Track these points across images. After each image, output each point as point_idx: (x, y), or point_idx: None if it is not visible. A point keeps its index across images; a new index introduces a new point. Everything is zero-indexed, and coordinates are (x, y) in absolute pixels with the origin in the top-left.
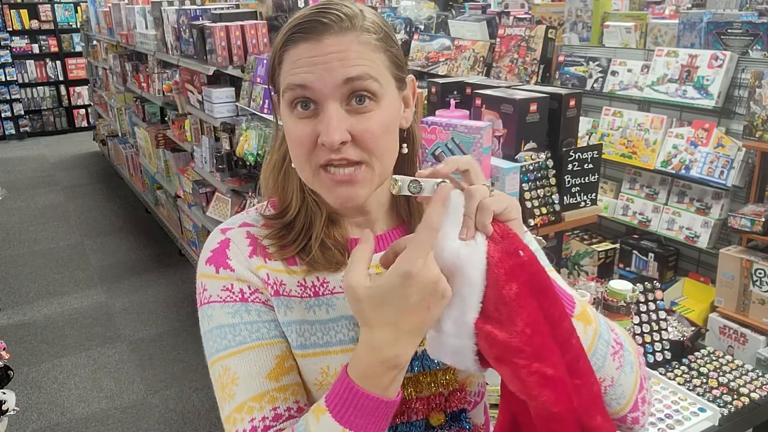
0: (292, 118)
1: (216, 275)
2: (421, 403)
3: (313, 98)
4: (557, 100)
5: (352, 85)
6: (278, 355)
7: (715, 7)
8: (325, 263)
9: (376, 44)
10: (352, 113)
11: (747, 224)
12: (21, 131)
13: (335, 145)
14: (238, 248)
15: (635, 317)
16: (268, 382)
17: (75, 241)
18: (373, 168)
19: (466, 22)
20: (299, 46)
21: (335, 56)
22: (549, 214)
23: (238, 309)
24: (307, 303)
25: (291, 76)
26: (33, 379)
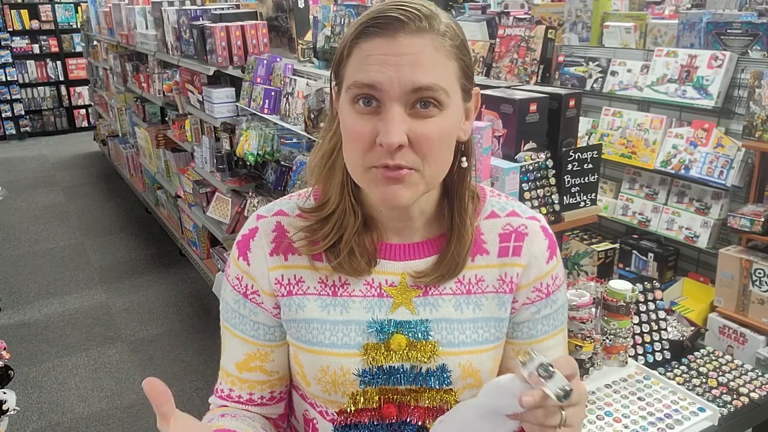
0: (353, 113)
1: (237, 261)
2: (417, 411)
3: (377, 96)
4: (557, 101)
5: (421, 93)
6: (248, 353)
7: (715, 7)
8: (349, 269)
9: (450, 51)
10: (413, 117)
11: (746, 224)
12: (21, 131)
13: (393, 147)
14: (261, 242)
15: (635, 317)
16: (234, 369)
17: (75, 241)
18: (423, 174)
19: (466, 22)
20: (373, 40)
21: (408, 59)
22: (549, 214)
23: (239, 300)
24: (324, 301)
25: (360, 72)
26: (33, 378)
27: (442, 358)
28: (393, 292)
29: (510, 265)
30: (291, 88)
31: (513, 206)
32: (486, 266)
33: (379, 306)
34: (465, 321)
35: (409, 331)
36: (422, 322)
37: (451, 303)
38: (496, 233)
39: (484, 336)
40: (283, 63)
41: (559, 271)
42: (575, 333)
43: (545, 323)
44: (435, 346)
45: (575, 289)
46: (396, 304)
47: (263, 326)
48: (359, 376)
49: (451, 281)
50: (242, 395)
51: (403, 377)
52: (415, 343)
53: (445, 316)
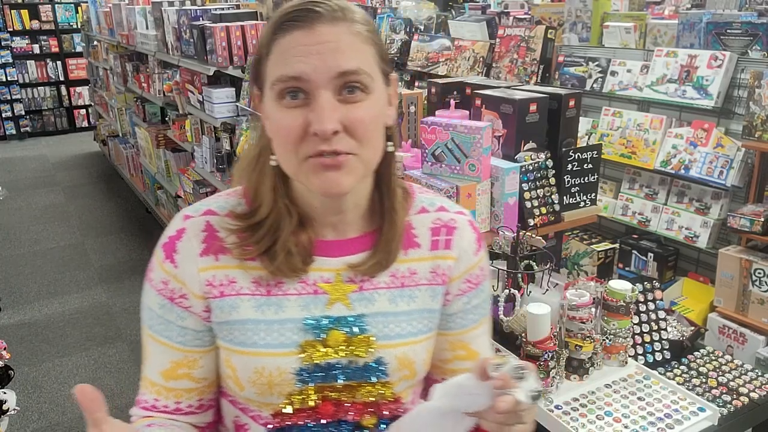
0: (280, 108)
1: (162, 264)
2: (355, 408)
3: (304, 88)
4: (557, 101)
5: (346, 78)
6: (174, 361)
7: (715, 7)
8: (286, 270)
9: (366, 36)
10: (343, 103)
11: (746, 224)
12: (22, 131)
13: (328, 134)
14: (189, 243)
15: (635, 317)
16: (159, 377)
17: (75, 241)
18: (360, 158)
19: (466, 22)
20: (290, 34)
21: (329, 46)
22: (548, 214)
23: (165, 304)
24: (258, 301)
25: (283, 66)
26: (34, 378)
27: (379, 352)
28: (328, 288)
29: (442, 258)
30: None
31: (441, 202)
32: (419, 259)
33: (314, 303)
34: (400, 314)
35: (346, 326)
36: (359, 317)
37: (386, 297)
38: (427, 227)
39: (418, 327)
40: None
41: (485, 263)
42: (575, 333)
43: (475, 313)
44: (371, 339)
45: (575, 289)
46: (332, 301)
47: (191, 331)
48: (296, 375)
49: (385, 275)
50: (168, 405)
51: (341, 373)
52: (351, 338)
53: (380, 309)
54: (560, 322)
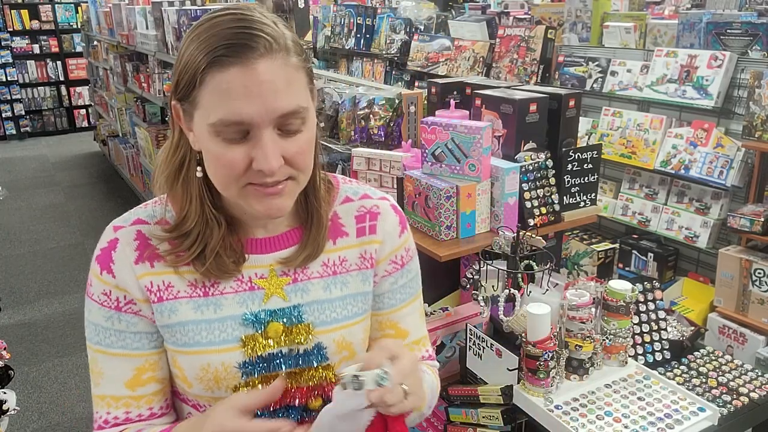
0: (220, 143)
1: (100, 276)
2: (300, 392)
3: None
4: (557, 101)
5: (287, 118)
6: (137, 367)
7: (715, 7)
8: (218, 272)
9: (298, 63)
10: (282, 137)
11: (746, 224)
12: (22, 131)
13: (273, 172)
14: (123, 253)
15: (635, 317)
16: (124, 389)
17: (76, 241)
18: (298, 181)
19: (466, 22)
20: (228, 70)
21: (268, 86)
22: (548, 214)
23: (111, 315)
24: (196, 303)
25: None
26: (34, 378)
27: (318, 338)
28: (263, 283)
29: (368, 243)
30: None
31: (365, 190)
32: (347, 247)
33: (251, 299)
34: (334, 300)
35: (284, 317)
36: (295, 307)
37: (319, 285)
38: (352, 216)
39: (353, 311)
40: None
41: (410, 243)
42: (575, 333)
43: (403, 292)
44: (310, 327)
45: (575, 289)
46: (268, 295)
47: (145, 335)
48: (240, 368)
49: (317, 265)
50: (143, 413)
51: (283, 361)
52: (290, 328)
53: (315, 298)
54: (560, 322)
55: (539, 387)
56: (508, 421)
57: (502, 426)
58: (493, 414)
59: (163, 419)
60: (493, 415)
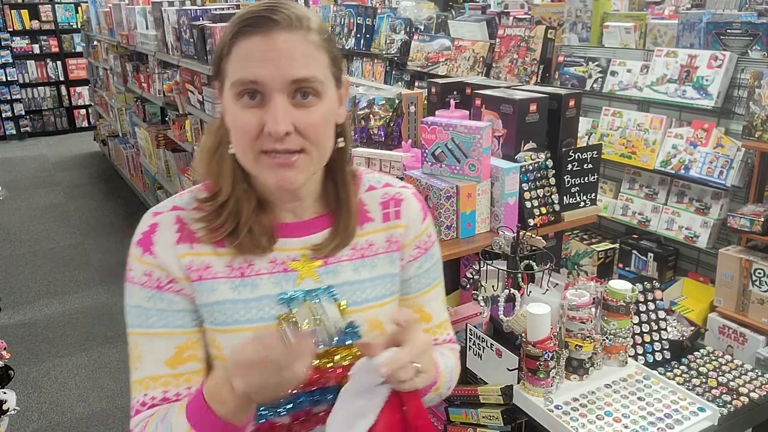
0: (238, 107)
1: (141, 258)
2: (335, 371)
3: (260, 90)
4: (557, 101)
5: (299, 84)
6: (178, 345)
7: (715, 7)
8: (251, 247)
9: (321, 44)
10: (296, 107)
11: (746, 224)
12: (22, 131)
13: (281, 135)
14: (164, 234)
15: (635, 317)
16: (164, 368)
17: (76, 241)
18: (311, 156)
19: (466, 22)
20: (250, 38)
21: (284, 53)
22: (548, 214)
23: (153, 295)
24: (233, 283)
25: (242, 70)
26: (33, 378)
27: (351, 316)
28: (296, 265)
29: (393, 227)
30: None
31: (386, 179)
32: (374, 231)
33: (285, 280)
34: (364, 281)
35: (317, 297)
36: (327, 288)
37: (349, 267)
38: (377, 202)
39: (382, 292)
40: None
41: (431, 230)
42: (575, 333)
43: (427, 277)
44: (342, 306)
45: (575, 289)
46: (301, 276)
47: (187, 312)
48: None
49: (346, 249)
50: (181, 392)
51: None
52: None
53: (346, 279)
54: (560, 322)
55: (539, 387)
56: (508, 421)
57: (502, 426)
58: (493, 414)
59: None
60: (493, 415)
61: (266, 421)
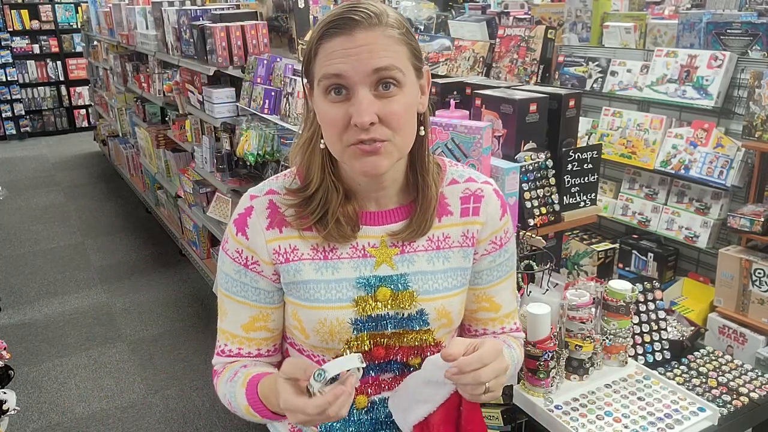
0: (327, 103)
1: (235, 237)
2: (402, 350)
3: (345, 85)
4: (557, 101)
5: (380, 74)
6: (252, 316)
7: (715, 7)
8: (337, 236)
9: (399, 38)
10: (379, 98)
11: (746, 224)
12: (22, 131)
13: (366, 126)
14: (257, 219)
15: (635, 317)
16: (240, 330)
17: (75, 241)
18: (395, 144)
19: (466, 22)
20: (333, 39)
21: (365, 48)
22: (548, 214)
23: (239, 270)
24: (317, 264)
25: (327, 66)
26: (33, 378)
27: (421, 304)
28: (375, 252)
29: (471, 223)
30: (291, 88)
31: (470, 173)
32: (451, 225)
33: (364, 265)
34: (437, 272)
35: (392, 283)
36: (402, 275)
37: (424, 258)
38: (457, 197)
39: (453, 283)
40: (283, 63)
41: (509, 226)
42: (575, 333)
43: (499, 270)
44: (414, 294)
45: (575, 289)
46: (378, 262)
47: (264, 291)
48: (352, 324)
49: (422, 240)
50: (251, 351)
51: (389, 322)
52: (397, 294)
53: (420, 269)
54: (560, 322)
55: (539, 387)
56: (508, 421)
57: (502, 426)
58: (493, 414)
59: (270, 359)
60: (493, 415)
61: None
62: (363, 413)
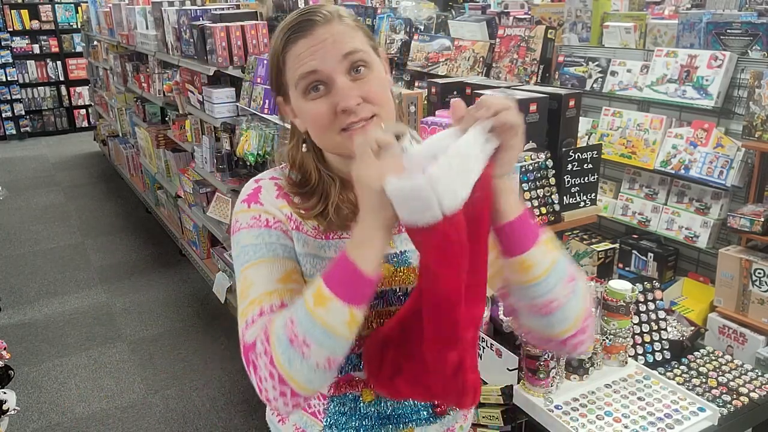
0: (308, 102)
1: (248, 209)
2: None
3: (321, 79)
4: (557, 101)
5: (350, 59)
6: (287, 270)
7: (715, 7)
8: (339, 224)
9: (354, 25)
10: (355, 81)
11: (746, 224)
12: (22, 131)
13: (353, 108)
14: (267, 192)
15: (635, 317)
16: (277, 284)
17: (75, 241)
18: (382, 117)
19: (466, 22)
20: (297, 43)
21: (329, 41)
22: (548, 214)
23: (261, 233)
24: (319, 243)
25: (299, 68)
26: (33, 378)
27: None
28: None
29: None
30: None
31: None
32: None
33: None
34: None
35: (393, 260)
36: (402, 252)
37: None
38: None
39: None
40: None
41: None
42: None
43: None
44: (415, 269)
45: None
46: None
47: (291, 249)
48: None
49: None
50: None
51: (394, 297)
52: (398, 270)
53: None
54: None
55: (539, 387)
56: (508, 421)
57: (502, 426)
58: (493, 414)
59: None
60: (493, 415)
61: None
62: (369, 406)
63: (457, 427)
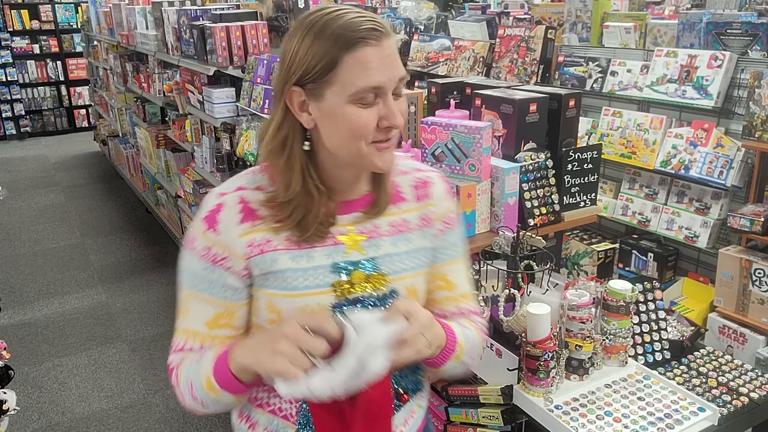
0: (357, 109)
1: (205, 233)
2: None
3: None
4: (557, 101)
5: (400, 83)
6: (217, 313)
7: (715, 7)
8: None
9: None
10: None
11: (746, 224)
12: (22, 131)
13: (401, 127)
14: (229, 214)
15: (635, 317)
16: (203, 327)
17: (75, 241)
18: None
19: (466, 22)
20: (365, 49)
21: (392, 59)
22: (548, 214)
23: (207, 267)
24: (292, 254)
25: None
26: (33, 378)
27: (392, 284)
28: (345, 239)
29: (425, 206)
30: None
31: (414, 164)
32: (408, 210)
33: (336, 252)
34: (401, 253)
35: (364, 267)
36: (372, 259)
37: (389, 241)
38: (408, 185)
39: (418, 263)
40: None
41: (455, 208)
42: (575, 333)
43: (452, 249)
44: (384, 275)
45: (575, 289)
46: (349, 249)
47: (231, 288)
48: (333, 308)
49: (386, 226)
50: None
51: (367, 303)
52: (369, 276)
53: (387, 252)
54: (560, 322)
55: (539, 387)
56: (508, 421)
57: (502, 426)
58: (493, 414)
59: None
60: (493, 415)
61: None
62: None
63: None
